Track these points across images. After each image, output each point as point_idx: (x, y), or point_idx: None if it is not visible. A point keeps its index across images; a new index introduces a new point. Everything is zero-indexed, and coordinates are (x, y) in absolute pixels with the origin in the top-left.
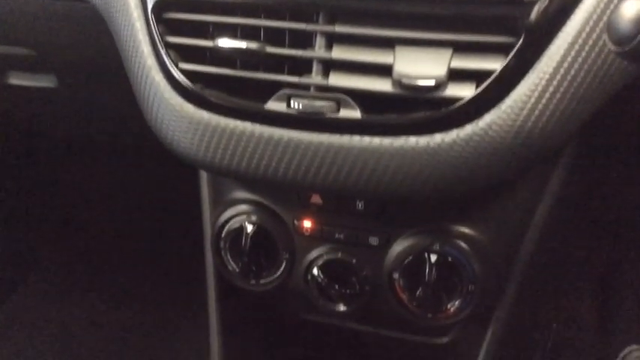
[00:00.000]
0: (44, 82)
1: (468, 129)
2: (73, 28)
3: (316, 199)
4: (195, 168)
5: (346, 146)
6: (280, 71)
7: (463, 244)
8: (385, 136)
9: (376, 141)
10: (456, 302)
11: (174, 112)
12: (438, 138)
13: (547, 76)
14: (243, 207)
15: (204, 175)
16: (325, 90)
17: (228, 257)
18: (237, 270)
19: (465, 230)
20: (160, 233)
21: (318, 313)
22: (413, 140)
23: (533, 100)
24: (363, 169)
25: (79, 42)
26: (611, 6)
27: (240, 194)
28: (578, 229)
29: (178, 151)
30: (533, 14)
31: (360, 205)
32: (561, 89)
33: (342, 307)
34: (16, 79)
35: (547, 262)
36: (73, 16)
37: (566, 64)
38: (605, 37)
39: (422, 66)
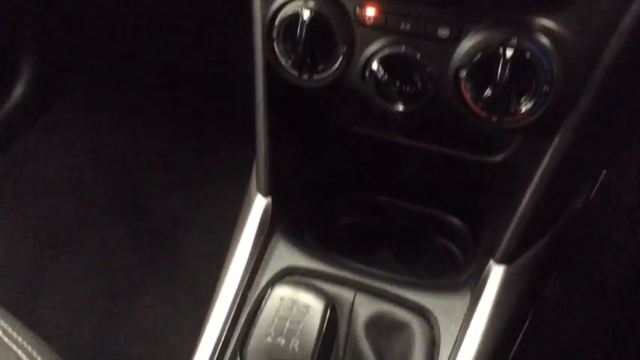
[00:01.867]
0: None
1: None
2: None
3: None
4: None
5: None
6: None
7: (544, 40)
8: None
9: None
10: (528, 104)
11: None
12: None
13: None
14: None
15: None
16: None
17: (282, 47)
18: (290, 63)
19: (548, 23)
20: (202, 36)
21: (368, 126)
22: None
23: None
24: None
25: None
26: None
27: None
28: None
29: None
30: None
31: None
32: None
33: (400, 107)
34: None
35: (614, 93)
36: None
37: None
38: None
39: None
